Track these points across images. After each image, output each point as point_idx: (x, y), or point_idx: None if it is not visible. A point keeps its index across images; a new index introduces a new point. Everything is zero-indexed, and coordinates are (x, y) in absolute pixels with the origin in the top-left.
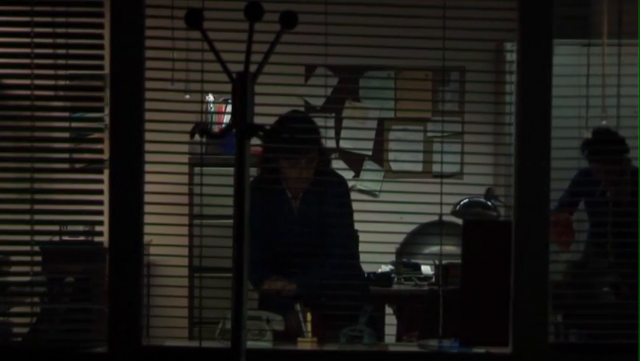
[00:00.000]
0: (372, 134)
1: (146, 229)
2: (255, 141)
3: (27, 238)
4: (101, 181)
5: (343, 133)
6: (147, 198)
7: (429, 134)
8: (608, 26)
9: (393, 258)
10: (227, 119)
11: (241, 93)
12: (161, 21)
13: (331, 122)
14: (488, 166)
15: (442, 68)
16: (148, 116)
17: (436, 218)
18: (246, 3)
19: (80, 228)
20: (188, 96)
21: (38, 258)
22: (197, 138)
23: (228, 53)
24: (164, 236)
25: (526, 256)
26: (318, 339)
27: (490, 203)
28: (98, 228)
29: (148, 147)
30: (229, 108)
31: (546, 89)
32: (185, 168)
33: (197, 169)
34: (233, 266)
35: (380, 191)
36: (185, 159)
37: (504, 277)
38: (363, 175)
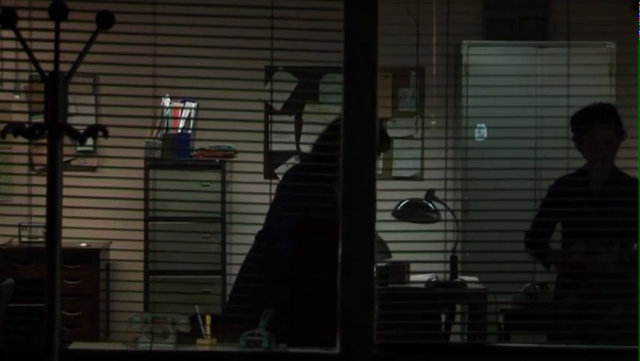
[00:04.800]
0: None
1: (103, 233)
2: None
3: None
4: None
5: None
6: (103, 202)
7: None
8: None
9: None
10: (182, 123)
11: (53, 93)
12: None
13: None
14: (449, 166)
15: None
16: None
17: None
18: (50, 3)
19: None
20: (17, 96)
21: None
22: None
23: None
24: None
25: (352, 256)
26: (217, 341)
27: (430, 204)
28: None
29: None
30: (185, 113)
31: (371, 85)
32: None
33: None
34: (47, 267)
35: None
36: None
37: (332, 276)
38: None
